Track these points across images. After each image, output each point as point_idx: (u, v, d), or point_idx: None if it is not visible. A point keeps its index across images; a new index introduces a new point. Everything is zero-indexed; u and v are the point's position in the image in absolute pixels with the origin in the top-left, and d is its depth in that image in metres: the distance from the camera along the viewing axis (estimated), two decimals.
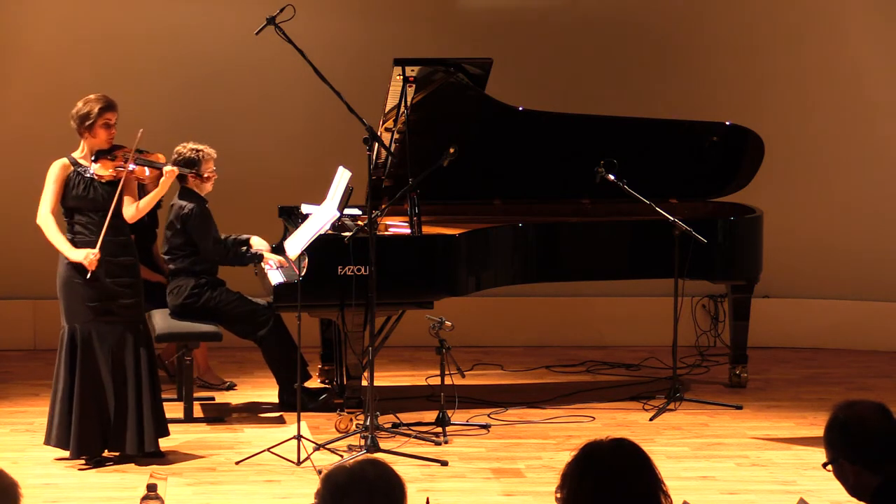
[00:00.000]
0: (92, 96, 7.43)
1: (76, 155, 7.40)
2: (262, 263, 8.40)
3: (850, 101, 10.48)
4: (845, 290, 10.51)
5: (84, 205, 7.33)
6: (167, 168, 7.55)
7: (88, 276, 7.20)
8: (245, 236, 8.55)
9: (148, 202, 7.48)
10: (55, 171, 7.35)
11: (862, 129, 10.49)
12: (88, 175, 7.33)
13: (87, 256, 7.21)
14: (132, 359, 7.31)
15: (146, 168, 7.49)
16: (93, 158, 7.37)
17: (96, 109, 7.34)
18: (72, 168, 7.35)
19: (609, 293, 10.29)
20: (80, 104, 7.41)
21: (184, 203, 8.36)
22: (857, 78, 10.47)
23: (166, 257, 8.47)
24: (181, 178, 8.34)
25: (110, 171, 7.33)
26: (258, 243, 8.51)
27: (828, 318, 10.47)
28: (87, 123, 7.35)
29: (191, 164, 8.29)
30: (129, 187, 7.41)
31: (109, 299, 7.29)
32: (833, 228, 10.53)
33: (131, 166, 7.37)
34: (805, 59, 10.48)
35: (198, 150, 8.33)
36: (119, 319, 7.31)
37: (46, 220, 7.33)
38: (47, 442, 7.39)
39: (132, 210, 7.41)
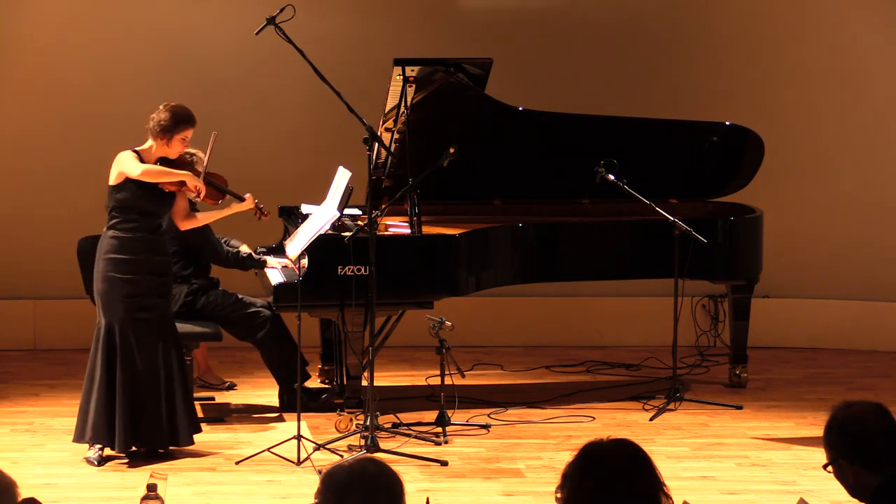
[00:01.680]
0: (177, 106, 7.49)
1: (142, 150, 7.44)
2: (268, 270, 8.35)
3: (851, 101, 10.48)
4: (845, 290, 10.51)
5: (137, 206, 7.37)
6: (247, 199, 7.84)
7: (201, 195, 7.49)
8: (264, 257, 8.48)
9: (206, 217, 7.82)
10: (130, 154, 7.38)
11: (862, 129, 10.50)
12: None
13: (200, 184, 7.42)
14: (162, 355, 7.36)
15: (211, 188, 7.66)
16: (157, 164, 7.44)
17: (183, 125, 7.44)
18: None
19: (609, 293, 10.29)
20: (164, 112, 7.44)
21: None
22: (859, 78, 10.48)
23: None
24: None
25: (175, 183, 7.43)
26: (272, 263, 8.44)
27: (828, 318, 10.47)
28: (169, 135, 7.42)
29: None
30: (185, 197, 7.60)
31: (145, 296, 7.35)
32: (833, 228, 10.53)
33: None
34: (806, 58, 10.48)
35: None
36: (152, 316, 7.37)
37: (147, 165, 7.36)
38: (80, 440, 7.40)
39: (183, 224, 7.70)
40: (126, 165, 7.33)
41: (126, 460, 7.39)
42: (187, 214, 7.76)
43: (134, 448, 7.42)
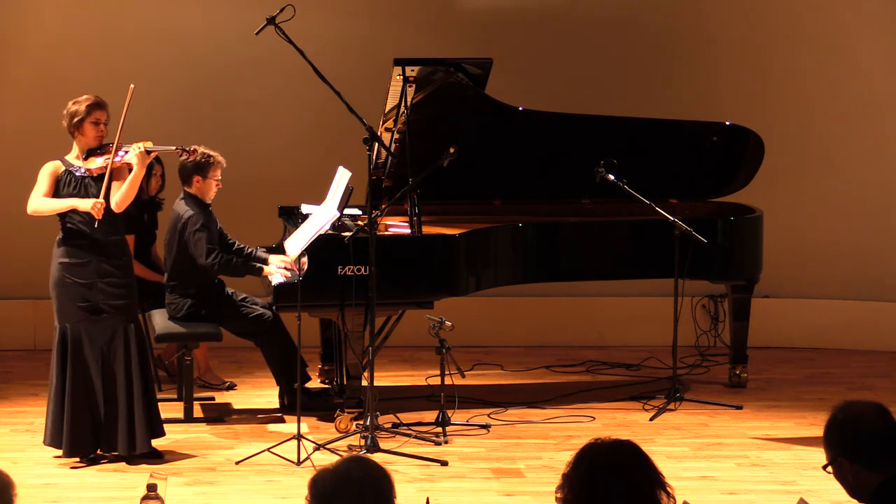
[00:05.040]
0: (81, 96, 7.45)
1: (69, 157, 7.43)
2: (263, 275, 8.30)
3: (851, 101, 10.48)
4: (845, 290, 10.51)
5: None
6: (139, 148, 7.31)
7: (97, 224, 7.20)
8: (263, 255, 8.45)
9: (130, 184, 7.28)
10: (46, 169, 7.41)
11: (863, 129, 10.50)
12: (80, 174, 7.35)
13: (94, 205, 7.20)
14: (123, 359, 7.31)
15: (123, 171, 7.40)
16: (84, 157, 7.39)
17: (84, 108, 7.37)
18: (63, 168, 7.38)
19: (609, 293, 10.29)
20: (70, 104, 7.44)
21: (182, 211, 8.30)
22: (859, 78, 10.48)
23: (167, 265, 8.41)
24: (184, 180, 8.32)
25: (99, 163, 7.34)
26: (274, 263, 8.36)
27: (828, 318, 10.47)
28: (76, 121, 7.38)
29: (199, 167, 8.26)
30: (118, 176, 7.36)
31: (101, 298, 7.30)
32: (833, 228, 10.53)
33: (118, 157, 7.34)
34: (806, 58, 10.48)
35: (208, 156, 8.29)
36: (110, 319, 7.32)
37: (38, 200, 7.35)
38: (45, 442, 7.41)
39: (117, 197, 7.30)
40: (32, 194, 7.36)
41: (84, 464, 7.36)
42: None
43: (100, 452, 7.39)
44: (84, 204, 7.26)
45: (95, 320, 7.30)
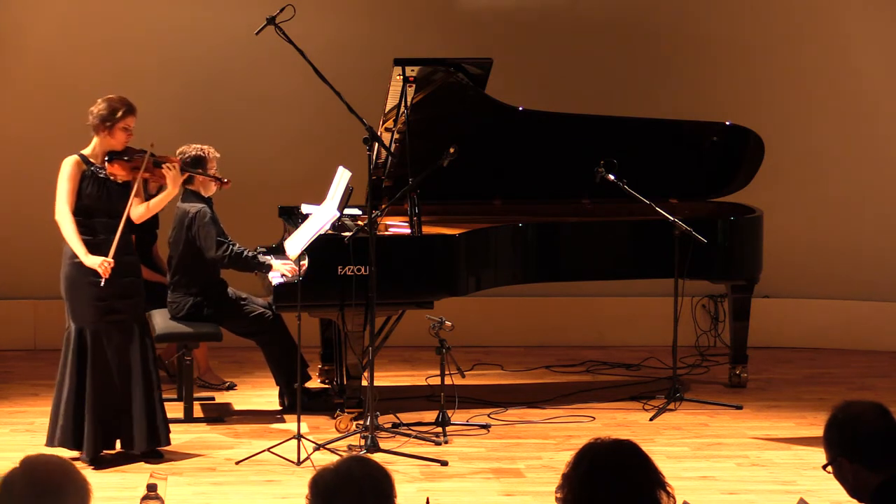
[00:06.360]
0: (114, 97, 7.36)
1: (87, 153, 7.36)
2: (269, 273, 8.28)
3: (851, 102, 10.48)
4: (845, 290, 10.51)
5: (97, 206, 7.29)
6: (173, 168, 7.43)
7: (103, 282, 7.17)
8: (269, 261, 8.41)
9: (159, 202, 7.44)
10: (70, 169, 7.29)
11: (862, 129, 10.50)
12: (103, 175, 7.31)
13: (101, 264, 7.16)
14: (138, 356, 7.32)
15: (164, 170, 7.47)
16: (106, 159, 7.32)
17: (121, 112, 7.29)
18: (85, 166, 7.31)
19: (609, 293, 10.29)
20: (102, 103, 7.33)
21: (189, 206, 8.31)
22: (858, 78, 10.48)
23: (172, 263, 8.41)
24: (186, 179, 8.32)
25: (127, 172, 7.31)
26: (279, 267, 8.34)
27: (828, 318, 10.47)
28: (108, 124, 7.31)
29: (196, 162, 8.26)
30: (140, 188, 7.39)
31: (115, 298, 7.29)
32: (833, 228, 10.53)
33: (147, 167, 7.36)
34: (805, 59, 10.48)
35: (203, 149, 8.29)
36: (124, 318, 7.32)
37: (66, 217, 7.24)
38: (50, 444, 7.36)
39: (141, 210, 7.39)
40: (56, 200, 7.27)
41: (92, 466, 7.33)
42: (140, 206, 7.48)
43: (105, 452, 7.39)
44: (91, 261, 7.20)
45: (111, 320, 7.30)
